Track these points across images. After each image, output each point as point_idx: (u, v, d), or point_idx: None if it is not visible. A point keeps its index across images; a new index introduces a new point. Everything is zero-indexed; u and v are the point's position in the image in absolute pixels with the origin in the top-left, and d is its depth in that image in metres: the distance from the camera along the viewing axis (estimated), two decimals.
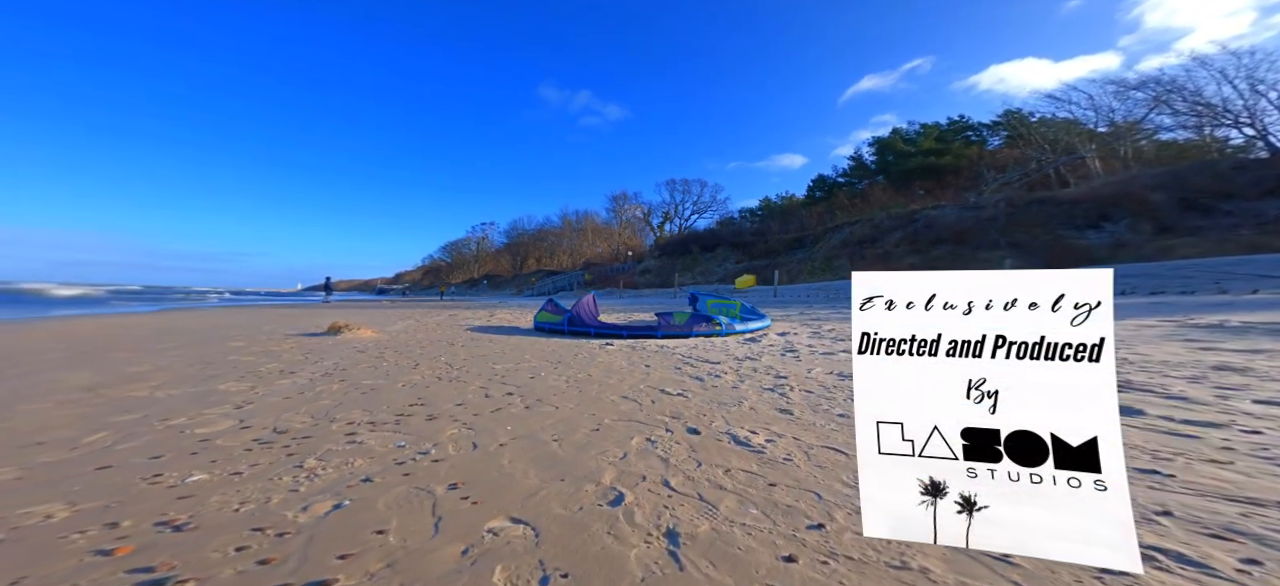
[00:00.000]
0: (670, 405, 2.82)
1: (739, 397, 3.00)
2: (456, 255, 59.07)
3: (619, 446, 2.08)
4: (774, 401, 2.87)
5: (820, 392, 3.10)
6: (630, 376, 3.78)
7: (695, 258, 28.89)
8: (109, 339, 6.29)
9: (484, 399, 3.00)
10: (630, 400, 2.96)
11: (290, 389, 3.26)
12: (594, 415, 2.61)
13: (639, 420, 2.50)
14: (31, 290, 29.91)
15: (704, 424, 2.42)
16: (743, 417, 2.52)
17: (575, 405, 2.84)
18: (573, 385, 3.45)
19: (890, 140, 37.69)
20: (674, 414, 2.61)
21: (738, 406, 2.77)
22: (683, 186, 45.82)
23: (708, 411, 2.66)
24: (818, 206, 33.81)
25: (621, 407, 2.77)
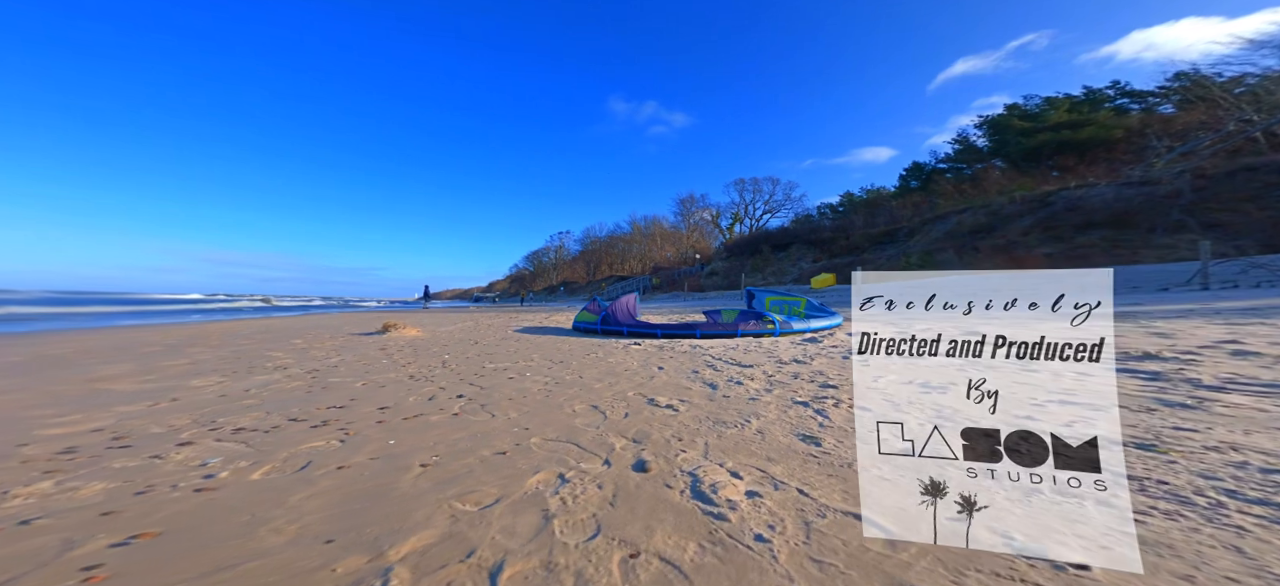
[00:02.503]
0: (644, 421, 2.03)
1: (751, 414, 2.11)
2: (537, 264, 62.08)
3: (505, 483, 1.36)
4: (801, 423, 1.95)
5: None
6: (627, 380, 3.03)
7: (766, 257, 26.74)
8: (231, 332, 7.06)
9: (426, 403, 2.45)
10: (597, 410, 2.21)
11: (250, 386, 3.01)
12: (531, 429, 1.91)
13: (581, 443, 1.75)
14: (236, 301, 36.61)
15: (667, 456, 1.60)
16: (736, 447, 1.66)
17: (522, 414, 2.16)
18: (548, 389, 2.79)
19: (1005, 118, 32.17)
20: (638, 435, 1.82)
21: (741, 428, 1.90)
22: (753, 186, 43.02)
23: (689, 435, 1.83)
24: (913, 197, 29.67)
25: (575, 422, 2.04)
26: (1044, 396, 2.43)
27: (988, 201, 23.74)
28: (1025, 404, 2.26)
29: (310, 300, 62.29)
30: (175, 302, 33.31)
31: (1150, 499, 1.20)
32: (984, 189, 27.24)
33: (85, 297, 32.68)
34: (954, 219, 23.18)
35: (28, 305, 17.83)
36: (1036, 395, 2.46)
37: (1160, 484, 1.27)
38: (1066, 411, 2.14)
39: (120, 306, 20.65)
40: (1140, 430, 1.71)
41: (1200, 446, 1.52)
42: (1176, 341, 3.62)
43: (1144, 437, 1.63)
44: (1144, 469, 1.38)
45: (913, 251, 21.86)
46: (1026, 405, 2.22)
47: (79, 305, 20.66)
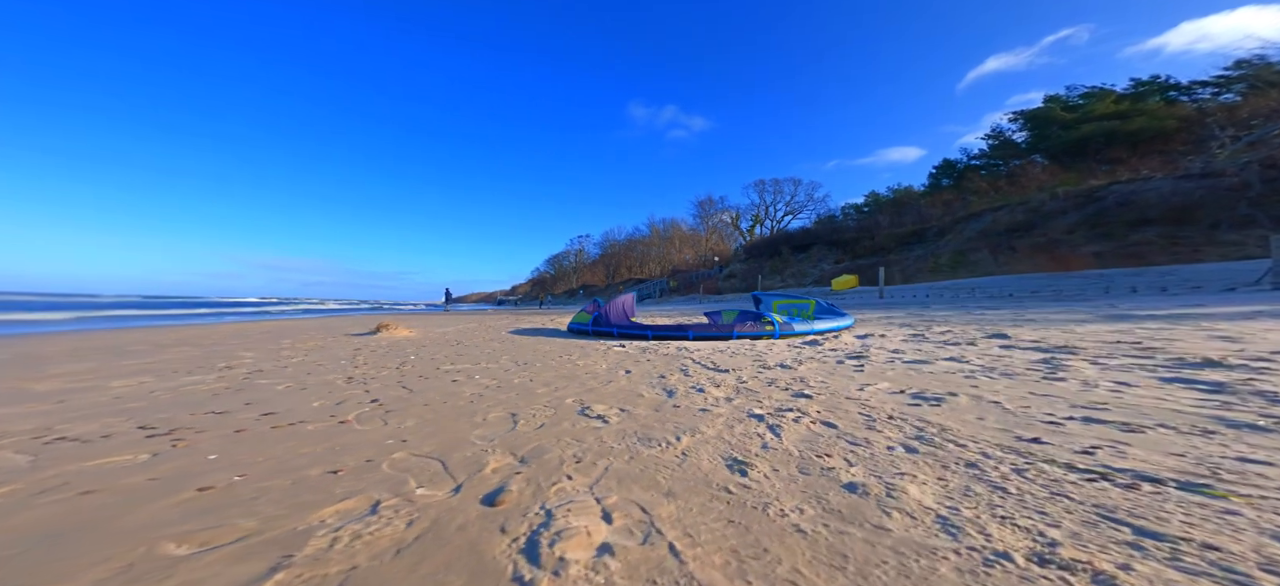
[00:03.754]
0: (555, 435, 1.68)
1: (689, 429, 1.74)
2: (558, 267, 62.52)
3: (285, 515, 1.05)
4: (741, 443, 1.57)
5: (848, 428, 1.70)
6: (579, 384, 2.69)
7: (785, 259, 25.80)
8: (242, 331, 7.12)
9: (334, 406, 2.16)
10: (512, 419, 1.88)
11: (162, 388, 2.82)
12: (409, 442, 1.59)
13: (449, 461, 1.42)
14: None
15: (540, 484, 1.25)
16: (640, 474, 1.30)
17: (420, 423, 1.84)
18: (481, 394, 2.47)
19: (1045, 110, 30.28)
20: (531, 454, 1.48)
21: (664, 448, 1.53)
22: (773, 187, 41.98)
23: (594, 455, 1.48)
24: (943, 195, 28.14)
25: (471, 434, 1.70)
26: (1065, 410, 1.94)
27: (1026, 198, 22.33)
28: (1035, 420, 1.79)
29: (358, 304, 64.44)
30: (233, 305, 34.98)
31: (1189, 576, 0.77)
32: (1022, 185, 25.72)
33: (161, 301, 34.96)
34: (988, 217, 21.92)
35: (101, 309, 18.90)
36: (1055, 409, 1.97)
37: (1207, 550, 0.84)
38: (1090, 432, 1.65)
39: (181, 309, 21.80)
40: (1190, 461, 1.26)
41: (1275, 489, 1.07)
42: (1245, 346, 3.01)
43: (1194, 472, 1.18)
44: (1186, 521, 0.94)
45: (943, 251, 20.75)
46: (1037, 422, 1.75)
47: (142, 309, 21.88)
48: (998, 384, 2.39)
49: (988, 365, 2.95)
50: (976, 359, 3.23)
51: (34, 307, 18.09)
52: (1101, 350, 3.25)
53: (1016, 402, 1.98)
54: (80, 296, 47.54)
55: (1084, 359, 2.98)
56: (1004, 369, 2.80)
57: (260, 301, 53.45)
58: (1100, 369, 2.65)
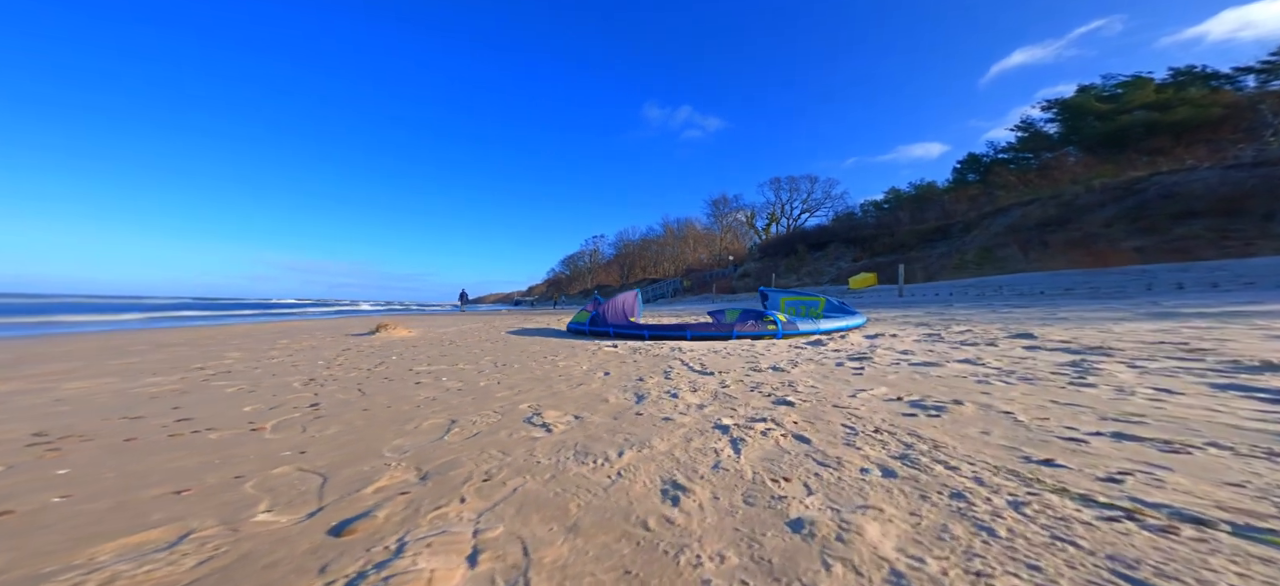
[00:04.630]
0: (482, 446, 1.47)
1: (641, 442, 1.51)
2: (573, 268, 62.58)
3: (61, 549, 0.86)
4: (691, 462, 1.34)
5: (823, 444, 1.44)
6: (546, 387, 2.48)
7: (801, 257, 24.95)
8: (255, 330, 7.24)
9: (266, 411, 2.01)
10: (450, 428, 1.68)
11: (108, 391, 2.73)
12: (309, 453, 1.41)
13: (337, 477, 1.23)
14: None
15: (417, 510, 1.04)
16: (551, 501, 1.08)
17: (343, 430, 1.66)
18: (436, 398, 2.28)
19: (1079, 101, 28.74)
20: (443, 467, 1.27)
21: (599, 466, 1.31)
22: (790, 184, 40.75)
23: (516, 472, 1.27)
24: (968, 190, 26.87)
25: (383, 447, 1.51)
26: (1091, 424, 1.63)
27: (1059, 191, 21.25)
28: (1052, 436, 1.49)
29: (390, 304, 65.91)
30: (272, 306, 36.32)
31: None
32: (1054, 178, 24.52)
33: (212, 303, 36.67)
34: (1017, 211, 20.93)
35: (161, 310, 19.78)
36: (1079, 421, 1.67)
37: None
38: (1119, 452, 1.32)
39: (225, 310, 22.74)
40: (1250, 494, 0.97)
41: None
42: None
43: (1254, 512, 0.89)
44: (1240, 578, 0.67)
45: (968, 248, 19.88)
46: (1053, 438, 1.45)
47: (194, 309, 22.83)
48: (1014, 390, 2.09)
49: (1006, 368, 2.63)
50: (994, 361, 2.90)
51: (108, 309, 19.58)
52: (1141, 351, 2.88)
53: (1032, 413, 1.68)
54: (146, 298, 50.76)
55: (1120, 361, 2.63)
56: (1024, 372, 2.48)
57: (297, 302, 55.30)
58: (1138, 373, 2.30)
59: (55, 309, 18.63)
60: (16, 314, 14.87)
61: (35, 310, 17.42)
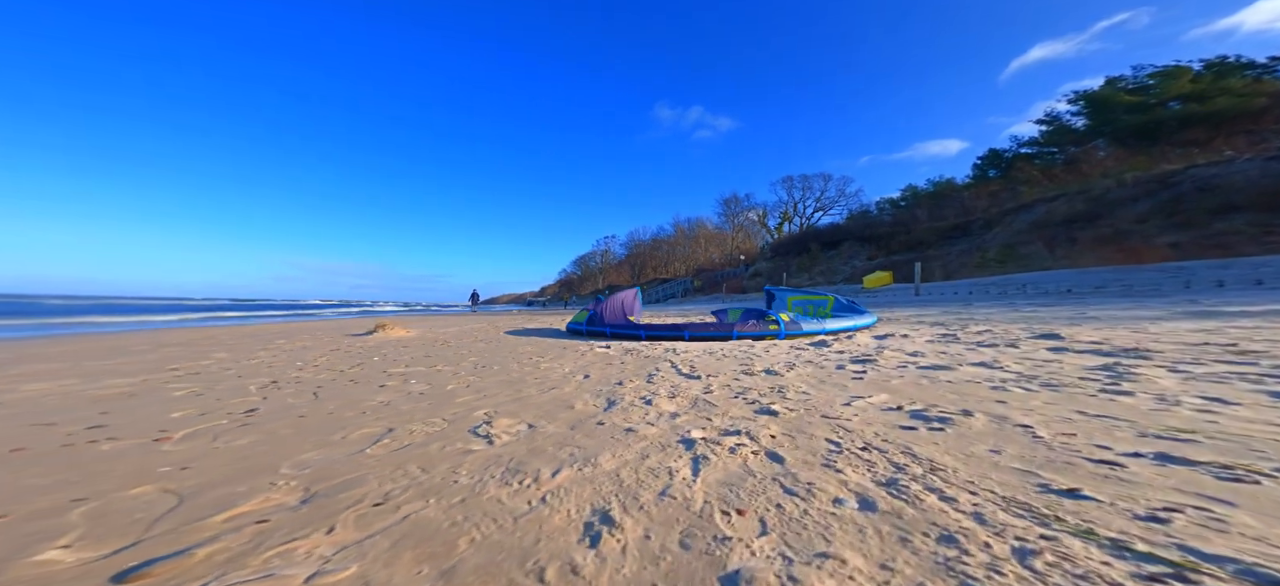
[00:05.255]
0: (400, 461, 1.29)
1: (585, 456, 1.31)
2: (585, 268, 62.40)
3: None
4: (635, 486, 1.14)
5: (798, 464, 1.22)
6: (511, 392, 2.30)
7: (814, 256, 24.29)
8: (258, 330, 7.28)
9: (196, 417, 1.86)
10: (385, 436, 1.51)
11: (54, 394, 2.63)
12: (191, 469, 1.24)
13: (200, 499, 1.05)
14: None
15: (267, 544, 0.86)
16: (439, 535, 0.89)
17: (263, 438, 1.49)
18: (392, 403, 2.11)
19: (1108, 93, 27.51)
20: (345, 484, 1.09)
21: (521, 486, 1.11)
22: (802, 183, 39.86)
23: (421, 494, 1.08)
24: (989, 186, 25.88)
25: (291, 458, 1.34)
26: (1128, 442, 1.34)
27: (1088, 185, 20.37)
28: (1078, 456, 1.21)
29: (413, 306, 66.84)
30: (301, 307, 37.33)
31: None
32: (1082, 172, 23.55)
33: (247, 304, 38.07)
34: (1042, 207, 20.12)
35: (198, 311, 20.46)
36: (1111, 437, 1.37)
37: None
38: (1164, 479, 0.93)
39: (254, 311, 23.58)
40: None
41: None
42: None
43: None
44: None
45: (990, 245, 19.18)
46: (1080, 459, 1.18)
47: (228, 310, 23.68)
48: (1035, 398, 1.83)
49: (1027, 373, 2.35)
50: (1014, 364, 2.62)
51: (154, 310, 20.69)
52: (1183, 354, 2.56)
53: (1056, 427, 1.43)
54: (189, 299, 53.21)
55: (1160, 364, 2.33)
56: (1048, 377, 2.20)
57: (322, 303, 56.59)
58: (1182, 378, 2.01)
59: (102, 309, 19.51)
60: (57, 314, 15.41)
61: (81, 311, 18.19)
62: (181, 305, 32.81)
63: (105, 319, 13.66)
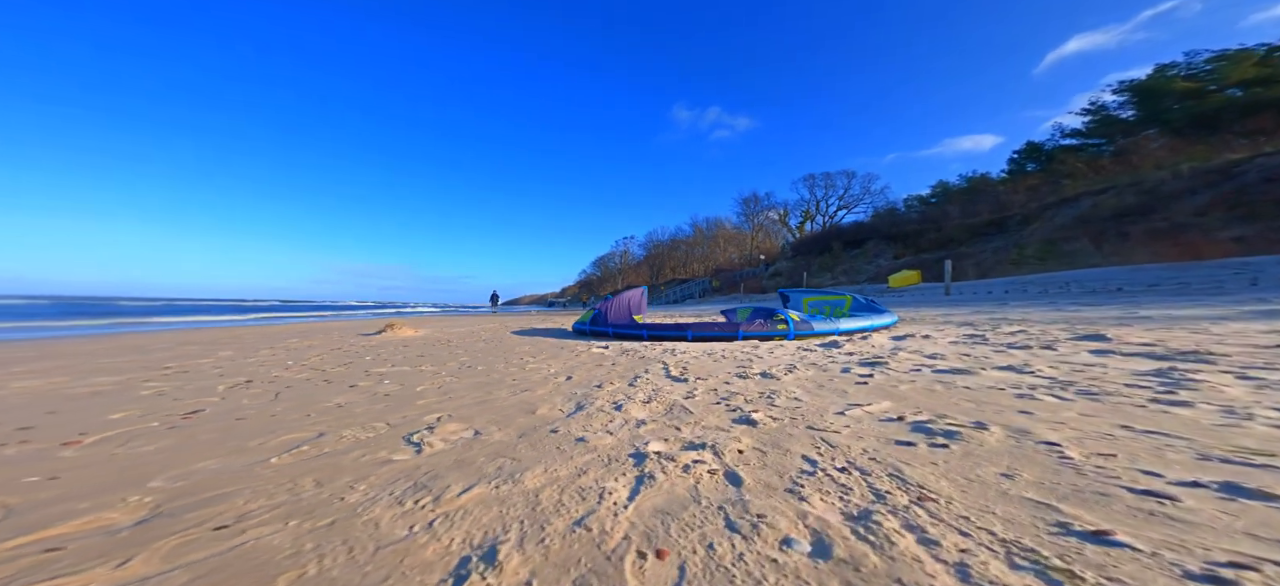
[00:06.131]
0: (276, 480, 1.14)
1: (513, 471, 1.14)
2: (604, 269, 62.34)
3: None
4: (553, 510, 0.95)
5: (760, 486, 1.01)
6: (483, 393, 2.15)
7: (836, 255, 23.35)
8: (280, 330, 7.50)
9: (134, 419, 1.78)
10: (316, 440, 1.37)
11: (34, 398, 2.62)
12: (75, 479, 1.12)
13: (24, 511, 0.92)
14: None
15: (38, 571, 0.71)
16: (247, 572, 0.72)
17: (184, 442, 1.38)
18: (336, 407, 2.00)
19: (1156, 81, 25.57)
20: (169, 513, 0.95)
21: (415, 507, 0.94)
22: (825, 181, 38.49)
23: (240, 526, 0.92)
24: (1027, 180, 24.39)
25: (175, 469, 1.21)
26: (1183, 465, 1.01)
27: (1139, 177, 19.01)
28: (1116, 485, 0.93)
29: (447, 307, 68.33)
30: (340, 307, 38.98)
31: None
32: (1133, 164, 22.02)
33: (294, 305, 40.26)
34: (1089, 201, 18.89)
35: (254, 312, 21.69)
36: (1162, 459, 1.05)
37: None
38: (1236, 520, 0.75)
39: (298, 312, 24.96)
40: None
41: None
42: None
43: None
44: None
45: (1029, 241, 18.11)
46: (1118, 488, 0.91)
47: (278, 311, 25.06)
48: (1068, 409, 1.55)
49: (1062, 378, 2.05)
50: (1047, 368, 2.31)
51: (214, 310, 22.23)
52: (1254, 358, 2.20)
53: (1090, 445, 1.17)
54: (245, 300, 56.97)
55: (1225, 369, 1.99)
56: (1087, 384, 1.90)
57: (358, 303, 58.85)
58: (1253, 387, 1.69)
59: (166, 310, 20.98)
60: (128, 314, 16.45)
61: (148, 311, 19.51)
62: (239, 306, 34.80)
63: (165, 319, 14.38)
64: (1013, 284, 12.29)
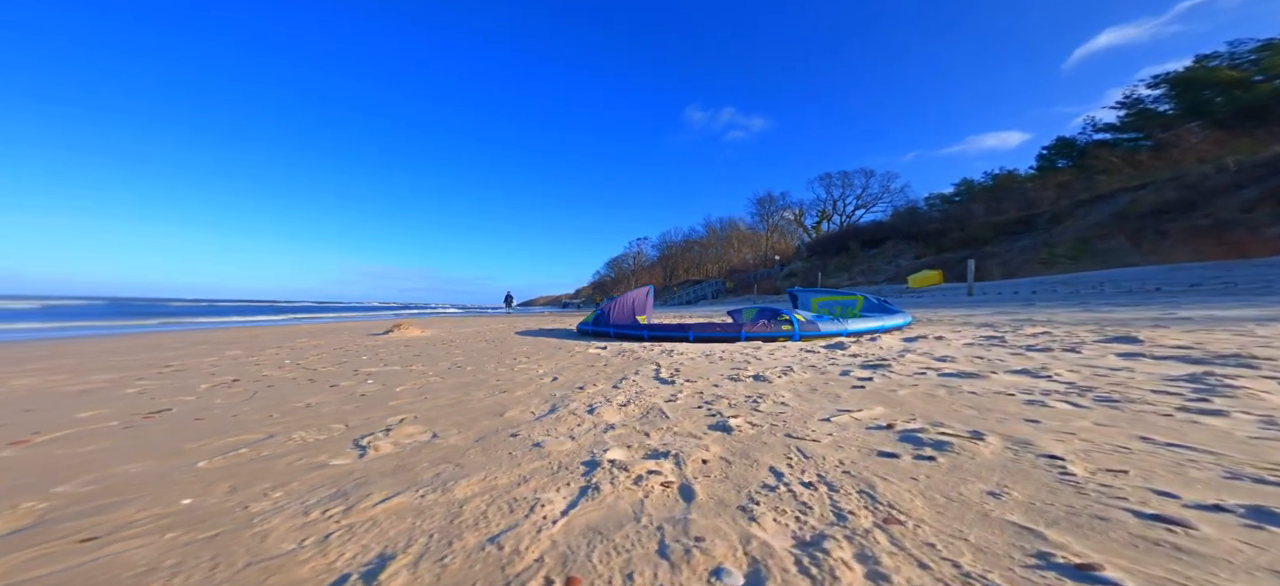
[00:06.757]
0: (225, 474, 1.08)
1: (445, 478, 1.05)
2: (618, 270, 62.20)
3: None
4: (460, 528, 0.86)
5: (713, 502, 0.91)
6: (459, 394, 2.08)
7: (853, 255, 22.71)
8: (292, 330, 7.70)
9: (95, 423, 1.77)
10: (268, 439, 1.32)
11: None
12: None
13: None
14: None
15: None
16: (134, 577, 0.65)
17: (134, 439, 1.35)
18: (298, 410, 1.96)
19: (1197, 72, 24.13)
20: (49, 520, 0.89)
21: (321, 514, 0.86)
22: (841, 180, 37.70)
23: (114, 549, 0.85)
24: (1058, 176, 23.34)
25: (86, 473, 1.16)
26: (1206, 484, 0.87)
27: (1180, 172, 18.05)
28: (1120, 505, 0.83)
29: (469, 308, 69.24)
30: (368, 308, 40.27)
31: None
32: (1173, 158, 20.92)
33: (330, 305, 41.98)
34: (1125, 197, 18.04)
35: (287, 313, 22.68)
36: (1181, 476, 0.92)
37: None
38: (1263, 552, 0.67)
39: (332, 312, 26.26)
40: None
41: None
42: None
43: None
44: None
45: (1059, 240, 17.35)
46: (1122, 509, 0.79)
47: (314, 311, 26.33)
48: (1082, 418, 1.39)
49: (1081, 383, 1.87)
50: (1067, 372, 2.12)
51: (249, 310, 23.46)
52: None
53: (1098, 459, 1.02)
54: (278, 302, 60.14)
55: (1269, 375, 1.79)
56: (1108, 390, 1.72)
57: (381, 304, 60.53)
58: None
59: (206, 310, 22.31)
60: (176, 315, 17.29)
61: (194, 312, 20.67)
62: (275, 307, 36.51)
63: (204, 319, 14.92)
64: (1041, 284, 11.75)
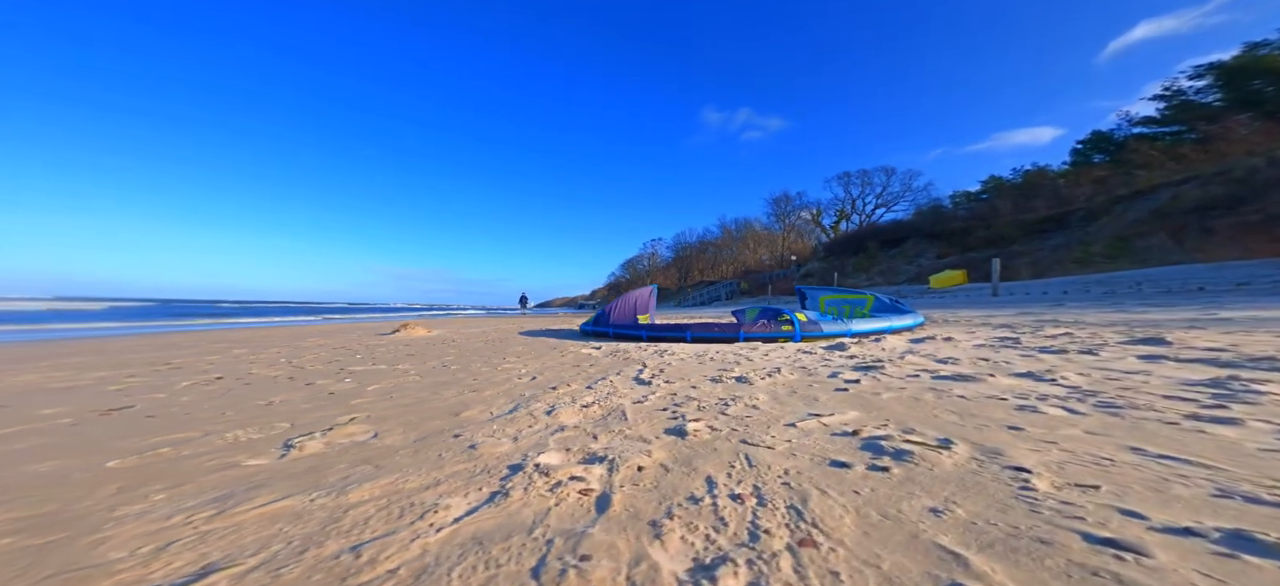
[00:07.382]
0: (135, 471, 1.05)
1: (340, 485, 0.99)
2: (633, 271, 61.90)
3: None
4: (310, 538, 0.79)
5: (629, 515, 0.82)
6: (427, 393, 2.04)
7: (872, 254, 21.96)
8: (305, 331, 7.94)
9: (36, 413, 1.78)
10: (142, 447, 1.29)
11: None
12: None
13: None
14: None
15: None
16: None
17: (77, 436, 1.33)
18: (257, 409, 1.94)
19: (1247, 61, 22.55)
20: None
21: (184, 519, 0.81)
22: (861, 179, 36.35)
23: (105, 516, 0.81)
24: (1094, 172, 22.16)
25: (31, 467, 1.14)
26: (1185, 504, 0.79)
27: (1228, 165, 16.97)
28: (1068, 527, 0.68)
29: (492, 309, 70.17)
30: (392, 310, 41.69)
31: None
32: (1220, 151, 19.70)
33: (360, 306, 43.89)
34: (1167, 193, 17.05)
35: (321, 313, 23.72)
36: (1161, 496, 0.89)
37: None
38: None
39: (358, 312, 27.55)
40: None
41: None
42: None
43: None
44: None
45: (1095, 238, 16.51)
46: (1071, 532, 0.65)
47: (346, 312, 27.65)
48: (1073, 425, 1.25)
49: (1085, 388, 1.70)
50: (1074, 376, 1.95)
51: (286, 311, 24.94)
52: None
53: (1073, 472, 0.89)
54: (314, 303, 62.76)
55: None
56: (1113, 395, 1.56)
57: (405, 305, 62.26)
58: None
59: (245, 311, 23.62)
60: (221, 315, 18.22)
61: (236, 313, 21.97)
62: (309, 308, 38.33)
63: (245, 320, 15.52)
64: (1073, 283, 11.16)
